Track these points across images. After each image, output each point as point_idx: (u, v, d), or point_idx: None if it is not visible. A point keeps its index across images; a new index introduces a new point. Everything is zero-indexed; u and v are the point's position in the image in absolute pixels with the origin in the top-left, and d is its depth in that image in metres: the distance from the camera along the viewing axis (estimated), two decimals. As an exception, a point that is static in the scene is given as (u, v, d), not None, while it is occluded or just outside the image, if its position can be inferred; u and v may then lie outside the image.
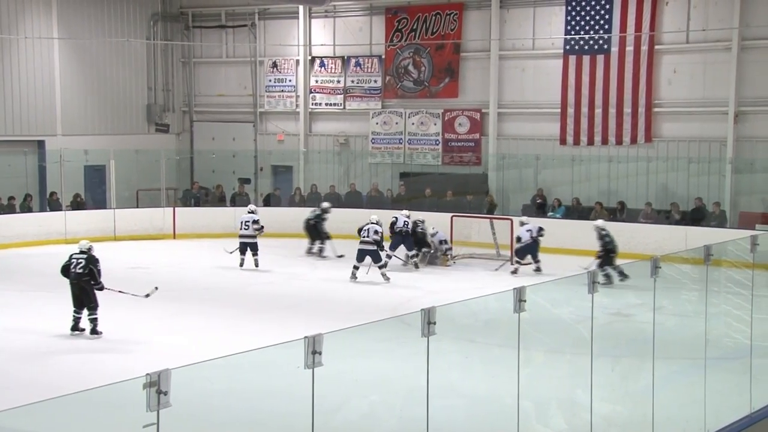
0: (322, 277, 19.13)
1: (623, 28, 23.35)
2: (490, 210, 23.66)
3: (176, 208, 25.37)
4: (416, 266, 20.07)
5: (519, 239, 19.51)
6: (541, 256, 20.01)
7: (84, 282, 13.44)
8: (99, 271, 13.56)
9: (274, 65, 28.99)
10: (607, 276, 15.69)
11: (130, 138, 28.16)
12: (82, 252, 13.67)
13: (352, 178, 27.32)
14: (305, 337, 5.30)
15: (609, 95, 23.62)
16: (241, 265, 19.87)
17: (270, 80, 29.10)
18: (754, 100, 22.00)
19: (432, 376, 6.23)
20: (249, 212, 20.48)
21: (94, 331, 13.45)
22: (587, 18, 23.81)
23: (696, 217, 21.49)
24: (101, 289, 13.59)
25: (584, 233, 20.13)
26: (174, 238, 24.42)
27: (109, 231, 23.89)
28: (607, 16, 23.56)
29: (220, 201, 26.50)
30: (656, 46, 23.10)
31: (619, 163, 23.53)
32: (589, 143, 24.03)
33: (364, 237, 18.69)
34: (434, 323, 5.99)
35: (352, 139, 27.94)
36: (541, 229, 19.52)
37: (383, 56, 27.23)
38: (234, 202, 26.21)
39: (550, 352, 10.80)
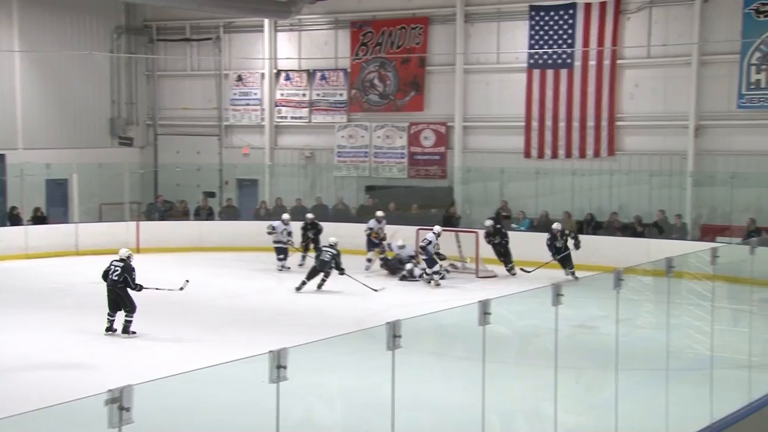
0: (288, 291, 19.05)
1: (586, 43, 23.61)
2: (448, 222, 23.66)
3: (140, 222, 25.16)
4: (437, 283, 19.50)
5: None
6: (503, 269, 20.26)
7: (119, 288, 14.36)
8: (134, 278, 14.41)
9: (239, 79, 28.93)
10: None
11: (93, 152, 27.86)
12: (120, 260, 14.57)
13: (318, 191, 27.30)
14: (270, 351, 5.29)
15: (572, 109, 23.85)
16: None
17: (235, 94, 29.03)
18: (714, 114, 22.33)
19: (397, 389, 6.24)
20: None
21: (126, 331, 14.33)
22: (551, 33, 24.05)
23: (658, 229, 21.73)
24: (140, 289, 14.43)
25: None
26: (138, 252, 24.19)
27: (72, 245, 23.63)
28: (570, 31, 23.82)
29: (184, 215, 26.34)
30: (618, 61, 23.39)
31: (582, 177, 23.76)
32: (553, 156, 24.23)
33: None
34: (400, 336, 6.00)
35: (317, 152, 27.92)
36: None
37: (349, 70, 27.28)
38: (198, 216, 26.07)
39: (516, 364, 10.86)
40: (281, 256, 21.53)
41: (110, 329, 14.49)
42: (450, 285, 19.48)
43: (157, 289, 15.03)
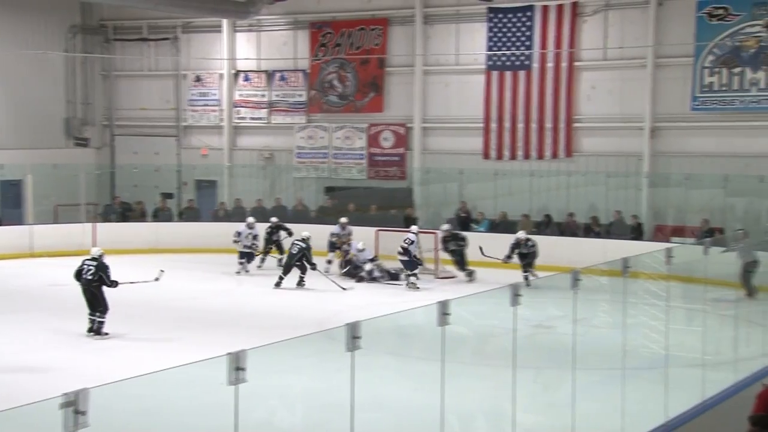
0: (246, 292, 18.98)
1: (543, 45, 23.81)
2: (407, 223, 23.71)
3: (97, 224, 24.87)
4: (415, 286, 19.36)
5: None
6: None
7: (94, 287, 14.20)
8: (108, 276, 14.28)
9: (198, 79, 28.74)
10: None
11: (48, 152, 27.46)
12: (93, 258, 14.40)
13: (277, 192, 27.21)
14: (228, 353, 5.27)
15: (530, 111, 24.04)
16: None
17: (193, 94, 28.84)
18: (668, 116, 22.64)
19: (357, 390, 6.24)
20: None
21: (99, 332, 14.16)
22: (509, 35, 24.21)
23: (615, 230, 21.97)
24: (115, 286, 14.29)
25: (508, 246, 20.43)
26: (94, 253, 23.92)
27: (26, 247, 23.30)
28: (528, 33, 24.00)
29: (141, 216, 26.11)
30: (575, 63, 23.61)
31: (540, 178, 23.94)
32: (512, 158, 24.39)
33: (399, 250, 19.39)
34: (359, 337, 6.00)
35: (277, 153, 27.83)
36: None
37: (308, 71, 27.23)
38: (157, 218, 25.86)
39: (475, 364, 10.91)
40: (243, 260, 21.28)
41: (92, 330, 14.33)
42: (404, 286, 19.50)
43: (131, 282, 14.89)
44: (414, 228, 20.23)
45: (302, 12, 27.16)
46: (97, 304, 14.30)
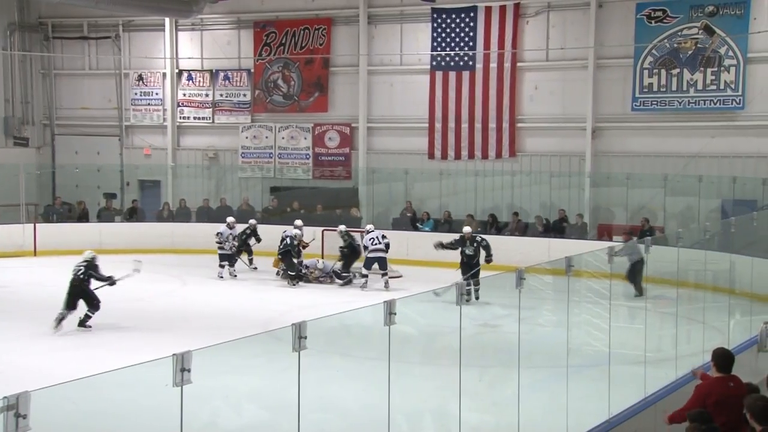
0: (191, 293, 18.79)
1: (487, 45, 23.98)
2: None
3: (37, 225, 24.43)
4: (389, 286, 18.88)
5: (365, 247, 19.41)
6: (409, 269, 20.28)
7: (84, 285, 15.04)
8: (101, 274, 15.23)
9: (140, 78, 28.39)
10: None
11: (-14, 152, 26.96)
12: (84, 261, 15.28)
13: (222, 192, 26.99)
14: (173, 354, 5.20)
15: (475, 111, 24.19)
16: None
17: (136, 93, 28.48)
18: (609, 117, 22.97)
19: (303, 391, 6.21)
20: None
21: (83, 324, 14.95)
22: (452, 35, 24.34)
23: (558, 228, 22.21)
24: (113, 282, 15.29)
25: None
26: (35, 255, 23.50)
27: (-36, 249, 22.80)
28: (471, 34, 24.15)
29: (83, 217, 25.69)
30: (518, 64, 23.83)
31: (485, 177, 24.12)
32: (457, 157, 24.52)
33: (375, 245, 18.88)
34: (305, 338, 5.97)
35: (221, 153, 27.62)
36: (385, 237, 19.30)
37: (252, 70, 27.07)
38: (100, 218, 25.48)
39: (421, 363, 10.95)
40: (224, 263, 20.51)
41: (59, 325, 14.74)
42: (355, 285, 19.49)
43: (120, 279, 15.45)
44: (370, 226, 20.07)
45: (246, 11, 26.99)
46: (88, 300, 15.06)
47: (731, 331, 11.98)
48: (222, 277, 20.43)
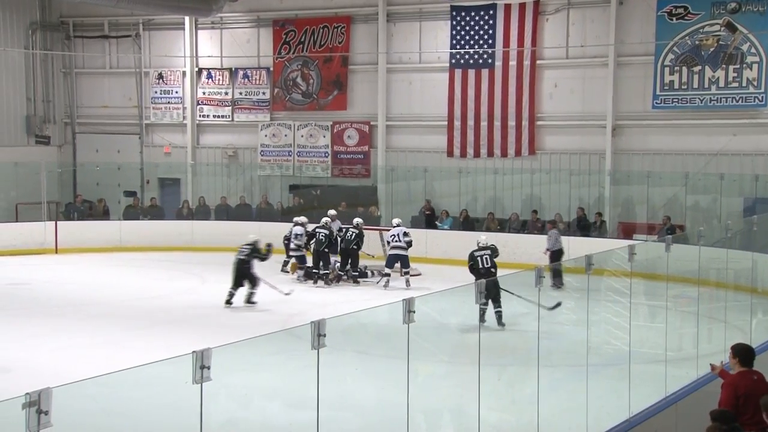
0: (210, 291, 18.84)
1: (506, 43, 23.90)
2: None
3: (58, 222, 24.61)
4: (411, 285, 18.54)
5: (387, 243, 19.23)
6: (428, 267, 20.25)
7: (247, 266, 16.88)
8: (261, 255, 17.21)
9: (160, 77, 28.50)
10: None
11: (8, 150, 27.13)
12: (248, 244, 17.14)
13: (241, 190, 27.07)
14: (193, 351, 5.22)
15: (494, 108, 24.12)
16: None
17: (156, 92, 28.59)
18: (629, 114, 22.83)
19: (322, 389, 6.22)
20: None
21: (249, 301, 16.83)
22: (472, 33, 24.28)
23: (578, 227, 22.11)
24: (264, 259, 17.32)
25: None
26: (56, 252, 23.68)
27: (-13, 246, 22.99)
28: (491, 32, 24.08)
29: (104, 215, 25.85)
30: (538, 61, 23.74)
31: (504, 175, 24.06)
32: (476, 155, 24.47)
33: (395, 242, 18.78)
34: (324, 335, 5.97)
35: (240, 151, 27.69)
36: (407, 234, 19.01)
37: (271, 68, 27.11)
38: (125, 216, 25.61)
39: (440, 362, 10.93)
40: (302, 265, 19.84)
41: (229, 302, 16.71)
42: (374, 283, 19.49)
43: (272, 287, 16.97)
44: (396, 220, 19.83)
45: (265, 9, 27.04)
46: (248, 281, 16.85)
47: (753, 330, 11.90)
48: (299, 279, 19.66)
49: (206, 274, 20.75)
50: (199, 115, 28.14)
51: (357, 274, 19.47)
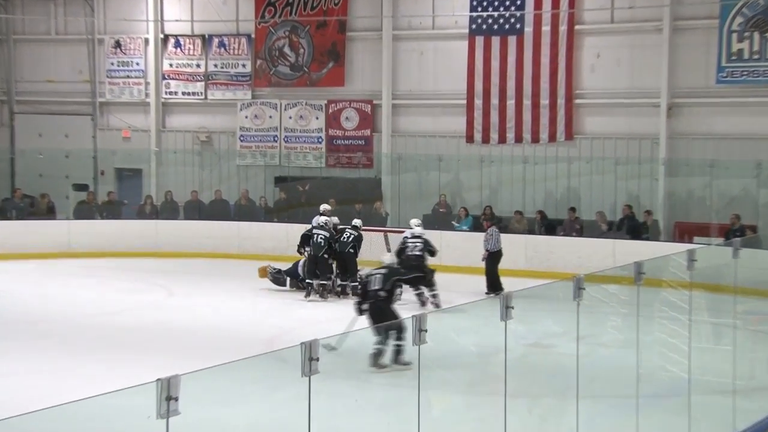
0: (179, 306, 18.86)
1: (538, 4, 23.91)
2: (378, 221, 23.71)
3: (-7, 222, 24.67)
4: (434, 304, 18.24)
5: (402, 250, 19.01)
6: (442, 277, 20.16)
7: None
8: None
9: (117, 45, 28.55)
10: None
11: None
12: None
13: (216, 183, 27.10)
14: (158, 379, 5.22)
15: (523, 84, 24.12)
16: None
17: (112, 63, 28.64)
18: (689, 91, 22.80)
19: (315, 425, 6.23)
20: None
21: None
22: (497, -8, 24.30)
23: (625, 228, 22.10)
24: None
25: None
26: (-9, 258, 23.72)
27: None
28: (520, -9, 24.10)
29: (48, 213, 25.86)
30: (576, 26, 23.74)
31: (535, 165, 24.05)
32: (501, 141, 24.47)
33: (411, 251, 18.26)
34: (317, 359, 5.98)
35: (215, 136, 27.73)
36: (429, 244, 18.61)
37: (253, 36, 27.16)
38: (77, 214, 25.64)
39: (457, 392, 10.92)
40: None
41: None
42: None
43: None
44: (415, 221, 19.57)
45: (246, -37, 27.12)
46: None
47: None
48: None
49: (174, 286, 20.77)
50: (165, 92, 28.18)
51: (357, 284, 19.44)
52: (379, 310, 13.25)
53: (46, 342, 15.59)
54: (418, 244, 18.37)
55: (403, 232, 20.58)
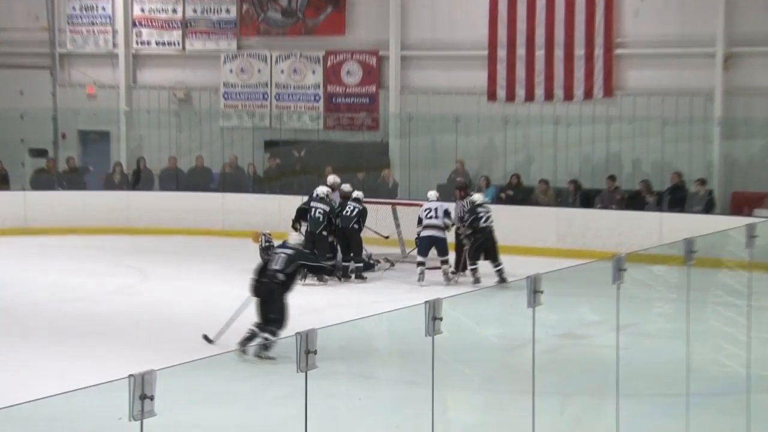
0: (154, 291, 18.93)
1: (573, -63, 23.85)
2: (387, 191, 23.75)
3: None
4: (451, 280, 18.97)
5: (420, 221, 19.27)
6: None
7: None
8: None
9: (81, -13, 28.56)
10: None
11: None
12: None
13: (197, 148, 27.11)
14: (130, 375, 5.26)
15: (554, 32, 24.06)
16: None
17: (74, 8, 28.63)
18: (749, 38, 22.71)
19: (312, 427, 6.26)
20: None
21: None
22: (524, -77, 24.24)
23: (674, 199, 22.08)
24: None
25: (524, 223, 20.49)
26: (-65, 236, 23.83)
27: None
28: None
29: (1, 182, 25.90)
30: (618, -36, 23.70)
31: (569, 126, 24.01)
32: (528, 99, 24.44)
33: (428, 218, 18.68)
34: (315, 352, 6.01)
35: (196, 93, 27.75)
36: (448, 212, 19.07)
37: (238, -25, 27.15)
38: (34, 184, 25.69)
39: (478, 389, 10.97)
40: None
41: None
42: (382, 279, 19.54)
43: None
44: (432, 193, 19.69)
45: None
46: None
47: None
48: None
49: (148, 268, 20.83)
50: (136, 42, 28.17)
51: (361, 265, 19.51)
52: (270, 293, 13.39)
53: (3, 332, 15.67)
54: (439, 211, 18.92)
55: (413, 205, 20.69)
